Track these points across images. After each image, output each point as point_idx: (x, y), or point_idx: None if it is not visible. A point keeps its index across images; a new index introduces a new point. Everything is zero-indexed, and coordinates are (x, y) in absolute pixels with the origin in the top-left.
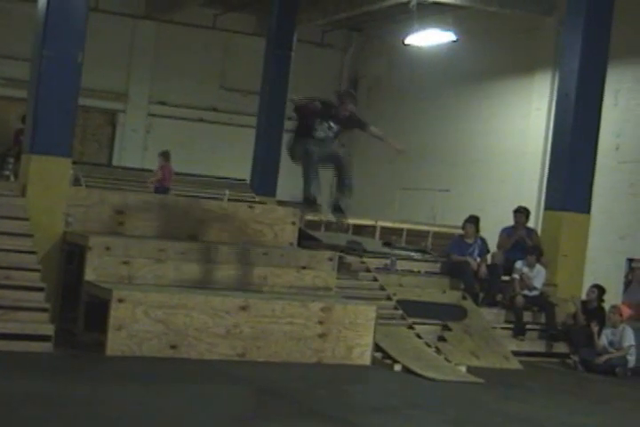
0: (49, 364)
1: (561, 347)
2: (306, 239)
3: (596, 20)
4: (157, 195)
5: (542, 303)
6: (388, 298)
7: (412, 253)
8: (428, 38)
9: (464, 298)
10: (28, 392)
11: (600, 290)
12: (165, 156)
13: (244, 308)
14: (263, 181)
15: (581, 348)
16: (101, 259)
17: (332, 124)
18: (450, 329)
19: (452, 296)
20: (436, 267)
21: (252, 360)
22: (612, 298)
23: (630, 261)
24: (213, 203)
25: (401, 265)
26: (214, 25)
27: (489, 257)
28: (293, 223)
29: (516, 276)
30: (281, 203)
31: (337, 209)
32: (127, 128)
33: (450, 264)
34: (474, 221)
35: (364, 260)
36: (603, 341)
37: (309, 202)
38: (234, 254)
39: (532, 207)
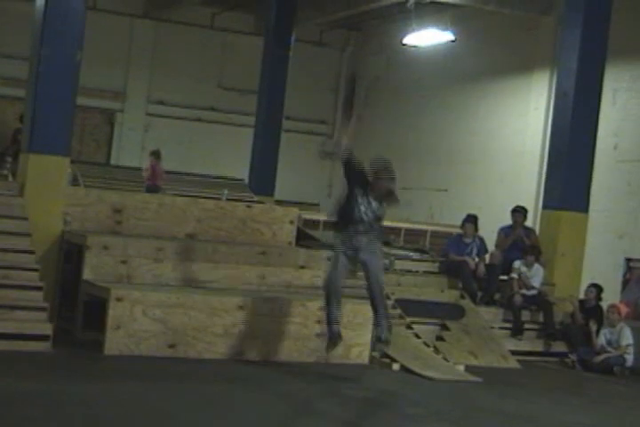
0: (47, 363)
1: (559, 346)
2: (304, 238)
3: (595, 19)
4: (155, 194)
5: (540, 303)
6: (387, 297)
7: (411, 253)
8: (427, 38)
9: (462, 297)
10: (27, 392)
11: (598, 289)
12: (156, 155)
13: (242, 307)
14: (261, 180)
15: (579, 347)
16: (99, 258)
17: (370, 199)
18: (448, 328)
19: (450, 295)
20: (435, 266)
21: (250, 359)
22: (610, 297)
23: (628, 260)
24: (211, 202)
25: (399, 264)
26: (212, 24)
27: (487, 256)
28: (291, 222)
29: (515, 275)
30: (279, 202)
31: (379, 342)
32: (125, 127)
33: (448, 264)
34: (473, 220)
35: None
36: (601, 340)
37: (334, 338)
38: (232, 254)
39: (530, 206)
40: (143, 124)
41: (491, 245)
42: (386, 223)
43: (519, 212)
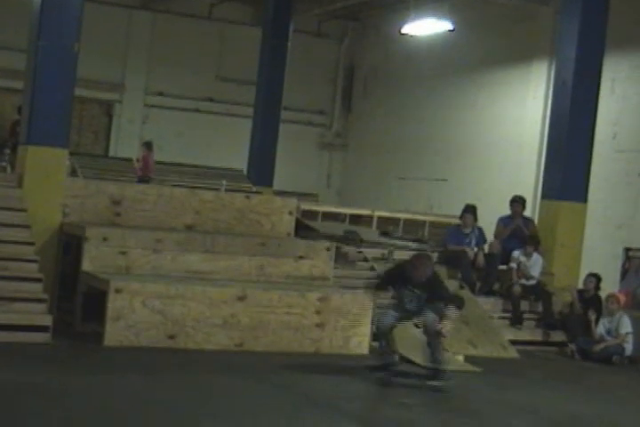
0: (47, 355)
1: (558, 336)
2: (303, 229)
3: (593, 8)
4: (154, 185)
5: (539, 292)
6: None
7: (409, 243)
8: (425, 28)
9: (461, 287)
10: (27, 383)
11: (597, 279)
12: (148, 146)
13: (241, 298)
14: (260, 171)
15: (578, 337)
16: (99, 249)
17: (417, 291)
18: None
19: (449, 286)
20: (433, 256)
21: (249, 350)
22: (609, 287)
23: (627, 250)
24: (210, 193)
25: (398, 255)
26: (210, 15)
27: (486, 247)
28: (290, 213)
29: (514, 265)
30: (278, 193)
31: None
32: (123, 119)
33: (447, 254)
34: (472, 210)
35: (362, 249)
36: (600, 329)
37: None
38: (231, 245)
39: (528, 196)
40: (141, 115)
41: (490, 236)
42: (385, 214)
43: (518, 202)
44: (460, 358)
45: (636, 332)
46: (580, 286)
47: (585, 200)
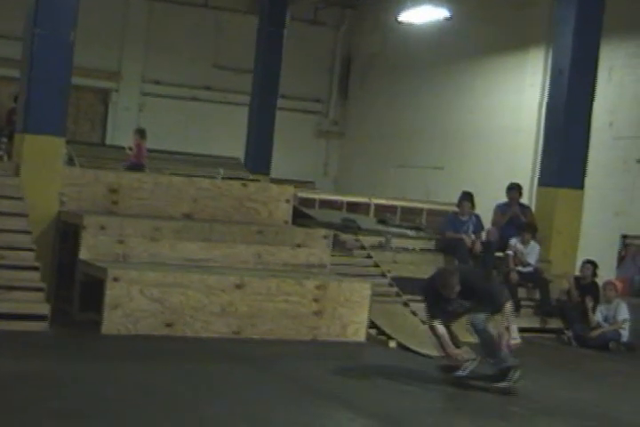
0: (45, 343)
1: (555, 323)
2: (300, 217)
3: None
4: (152, 173)
5: (536, 280)
6: (383, 275)
7: (407, 231)
8: (422, 15)
9: None
10: (25, 372)
11: (593, 266)
12: (141, 133)
13: (239, 286)
14: (257, 159)
15: (575, 323)
16: (96, 238)
17: (460, 301)
18: None
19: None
20: (431, 244)
21: (247, 338)
22: (606, 274)
23: (624, 237)
24: (207, 181)
25: (395, 242)
26: (207, 3)
27: (483, 234)
28: (287, 201)
29: (511, 252)
30: (275, 181)
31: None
32: (120, 107)
33: (444, 241)
34: (469, 197)
35: (359, 237)
36: (597, 316)
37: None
38: (228, 233)
39: (525, 184)
40: (138, 103)
41: (487, 223)
42: (382, 201)
43: (514, 189)
44: None
45: (633, 319)
46: (577, 272)
47: (582, 187)
